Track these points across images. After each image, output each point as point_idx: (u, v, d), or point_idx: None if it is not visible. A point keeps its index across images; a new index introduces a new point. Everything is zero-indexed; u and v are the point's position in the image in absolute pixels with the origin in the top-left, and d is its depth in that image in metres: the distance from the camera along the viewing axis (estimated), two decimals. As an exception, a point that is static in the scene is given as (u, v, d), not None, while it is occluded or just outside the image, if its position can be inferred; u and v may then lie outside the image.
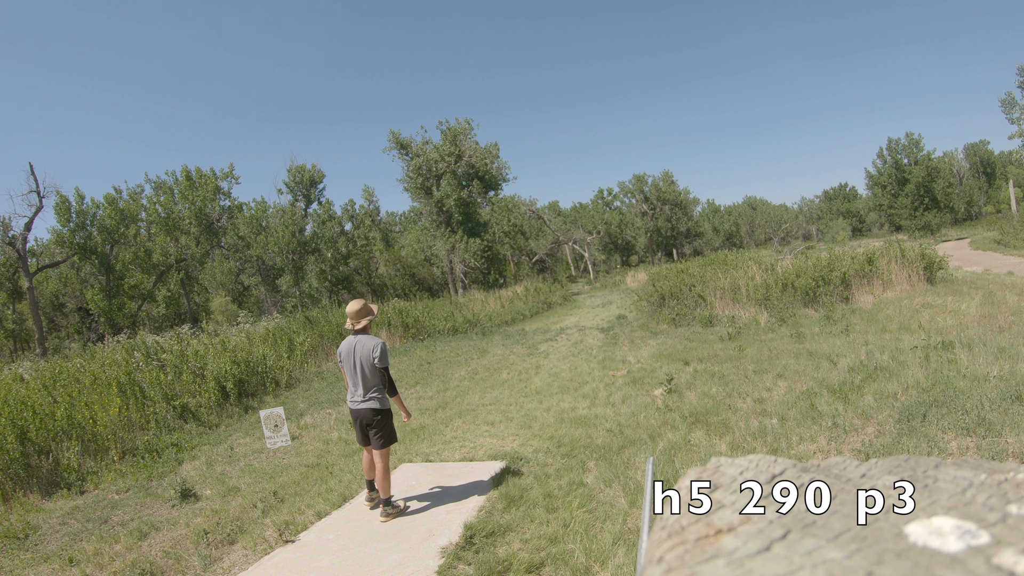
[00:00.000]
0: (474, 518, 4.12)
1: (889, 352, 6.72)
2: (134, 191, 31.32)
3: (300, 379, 10.66)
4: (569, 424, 6.10)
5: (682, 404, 6.14)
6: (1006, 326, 7.44)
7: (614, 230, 53.19)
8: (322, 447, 6.60)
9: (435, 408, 7.66)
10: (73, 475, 6.48)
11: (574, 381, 8.15)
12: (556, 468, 4.87)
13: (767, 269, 13.41)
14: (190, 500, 5.41)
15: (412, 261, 35.57)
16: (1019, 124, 36.27)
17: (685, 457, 4.66)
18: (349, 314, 4.49)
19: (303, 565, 3.76)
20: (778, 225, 64.89)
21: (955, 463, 0.47)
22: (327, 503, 4.81)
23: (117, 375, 8.95)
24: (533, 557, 3.46)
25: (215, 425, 8.26)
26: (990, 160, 68.88)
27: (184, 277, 31.38)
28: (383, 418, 4.40)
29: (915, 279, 11.80)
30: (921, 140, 48.68)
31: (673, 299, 13.87)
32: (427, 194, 31.30)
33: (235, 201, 34.19)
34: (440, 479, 5.02)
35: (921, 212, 46.28)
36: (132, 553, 4.42)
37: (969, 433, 4.20)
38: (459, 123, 31.06)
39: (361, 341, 4.39)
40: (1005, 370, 5.30)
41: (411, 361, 11.59)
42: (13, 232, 25.87)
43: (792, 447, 4.58)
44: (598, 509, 4.00)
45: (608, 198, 59.29)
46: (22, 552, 4.76)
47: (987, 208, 65.39)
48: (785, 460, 0.53)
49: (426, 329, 15.51)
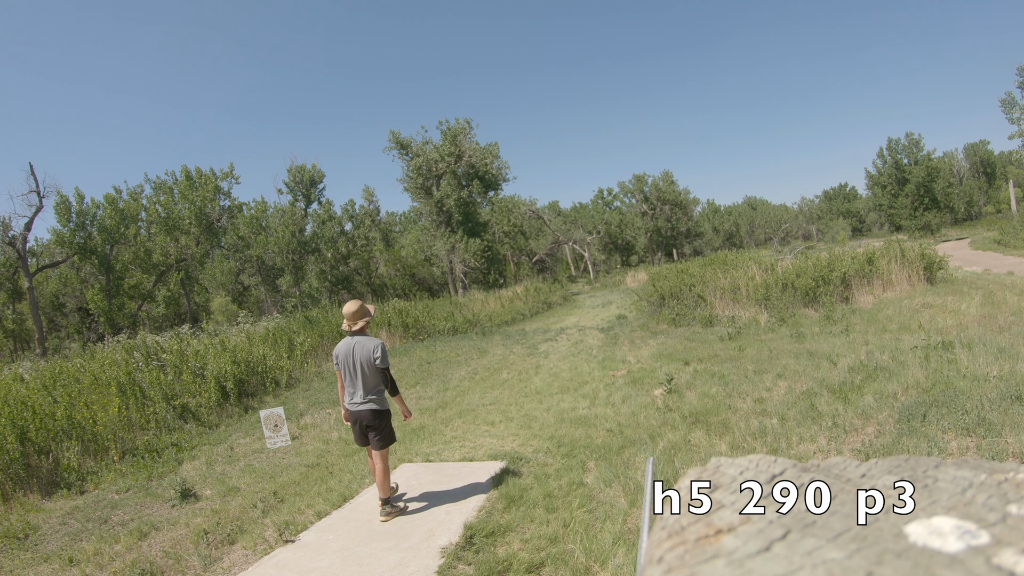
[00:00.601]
0: (474, 518, 4.12)
1: (889, 352, 6.72)
2: (134, 191, 31.32)
3: (300, 379, 10.66)
4: (569, 424, 6.10)
5: (682, 404, 6.14)
6: (1006, 326, 7.44)
7: (614, 230, 53.19)
8: (322, 447, 6.60)
9: (435, 408, 7.66)
10: (73, 475, 6.48)
11: (574, 381, 8.15)
12: (556, 468, 4.87)
13: (767, 269, 13.41)
14: (190, 500, 5.41)
15: (412, 261, 35.57)
16: (1019, 124, 36.28)
17: (685, 457, 4.66)
18: (346, 315, 4.44)
19: (303, 565, 3.76)
20: (778, 225, 64.90)
21: (955, 463, 0.47)
22: (327, 503, 4.81)
23: (117, 375, 8.95)
24: (533, 557, 3.46)
25: (215, 425, 8.26)
26: (990, 160, 68.86)
27: (184, 277, 31.38)
28: (383, 419, 4.38)
29: (915, 279, 11.80)
30: (921, 140, 48.67)
31: (673, 299, 13.87)
32: (427, 194, 31.31)
33: (235, 201, 34.20)
34: (440, 479, 5.02)
35: (921, 212, 46.28)
36: (132, 553, 4.42)
37: (969, 433, 4.20)
38: (459, 123, 31.07)
39: (360, 342, 4.35)
40: (1005, 370, 5.30)
41: (411, 361, 11.59)
42: (13, 232, 25.87)
43: (792, 447, 4.58)
44: (598, 509, 4.00)
45: (608, 198, 59.29)
46: (22, 552, 4.76)
47: (987, 208, 65.39)
48: (785, 460, 0.53)
49: (426, 329, 15.51)
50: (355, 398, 4.37)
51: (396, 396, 4.50)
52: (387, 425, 4.42)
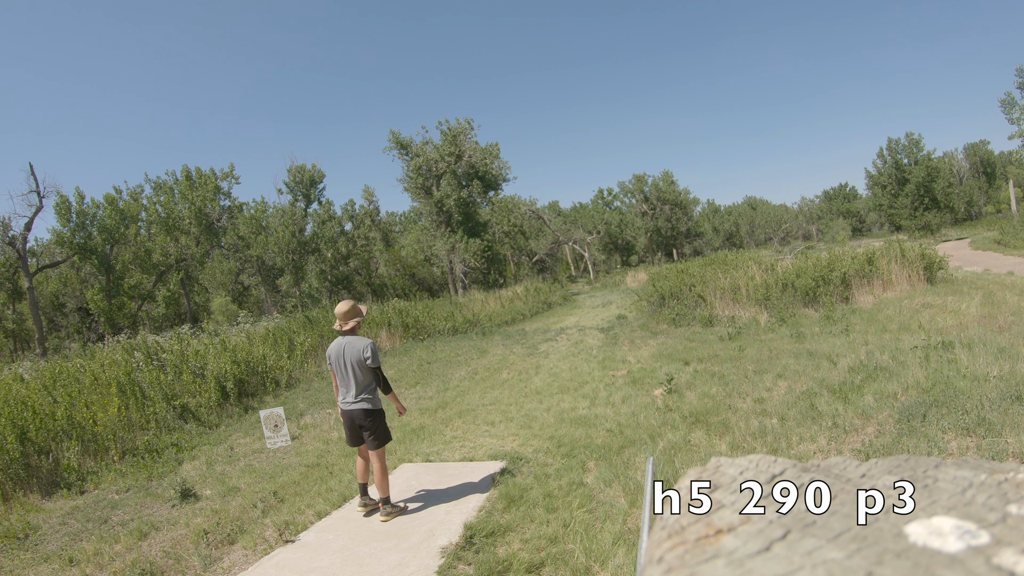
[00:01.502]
0: (474, 518, 4.12)
1: (889, 352, 6.72)
2: (134, 191, 31.33)
3: (300, 379, 10.66)
4: (569, 424, 6.10)
5: (682, 404, 6.14)
6: (1006, 326, 7.44)
7: (614, 230, 53.21)
8: (322, 447, 6.60)
9: (435, 408, 7.66)
10: (73, 475, 6.49)
11: (574, 381, 8.15)
12: (556, 468, 4.87)
13: (767, 269, 13.41)
14: (190, 500, 5.41)
15: (412, 261, 35.56)
16: (1019, 124, 36.27)
17: (685, 457, 4.66)
18: (338, 315, 4.50)
19: (303, 565, 3.76)
20: (778, 225, 64.89)
21: (955, 463, 0.47)
22: (327, 503, 4.81)
23: (117, 375, 8.95)
24: (533, 557, 3.46)
25: (215, 425, 8.26)
26: (990, 160, 68.88)
27: (184, 277, 31.39)
28: (375, 418, 4.41)
29: (915, 279, 11.80)
30: (921, 140, 48.69)
31: (673, 299, 13.87)
32: (427, 194, 31.31)
33: (235, 201, 34.22)
34: (440, 479, 5.02)
35: (921, 212, 46.28)
36: (132, 553, 4.42)
37: (969, 433, 4.20)
38: (459, 123, 31.07)
39: (350, 342, 4.40)
40: (1005, 370, 5.30)
41: (411, 361, 11.59)
42: (13, 232, 25.88)
43: (792, 447, 4.58)
44: (598, 509, 4.00)
45: (608, 198, 59.31)
46: (22, 552, 4.76)
47: (987, 208, 65.39)
48: (785, 460, 0.53)
49: (426, 329, 15.51)
50: (347, 397, 4.43)
51: (389, 393, 4.52)
52: (380, 424, 4.43)
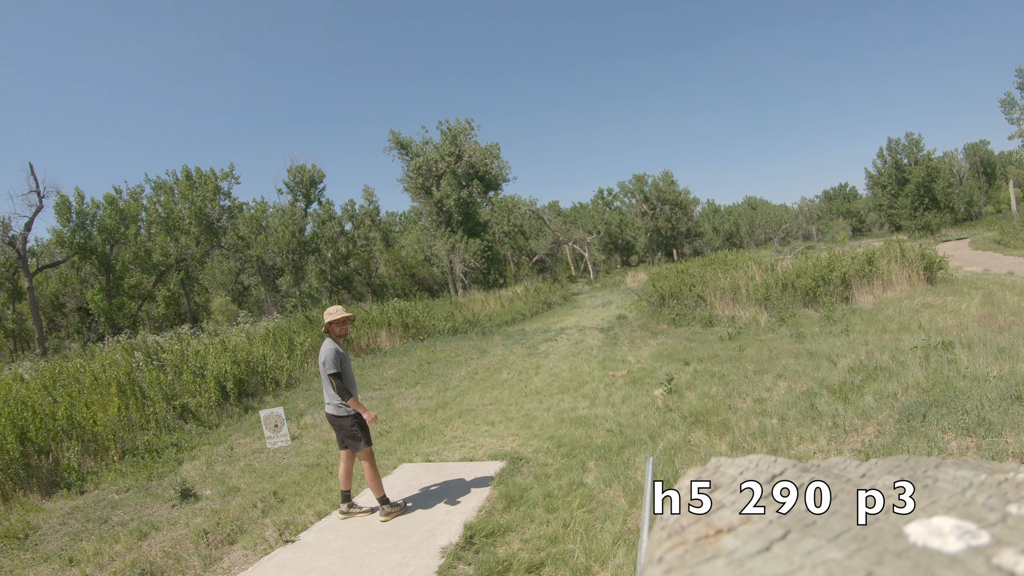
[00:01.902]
0: (474, 518, 4.12)
1: (889, 352, 6.72)
2: (134, 191, 31.34)
3: (300, 379, 10.66)
4: (569, 424, 6.10)
5: (682, 404, 6.14)
6: (1006, 326, 7.44)
7: (614, 230, 53.20)
8: (322, 447, 6.60)
9: (435, 408, 7.66)
10: (73, 475, 6.48)
11: (574, 381, 8.15)
12: (556, 468, 4.87)
13: (767, 269, 13.40)
14: (190, 500, 5.41)
15: (412, 261, 35.57)
16: (1019, 124, 36.27)
17: (685, 457, 4.66)
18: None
19: (303, 565, 3.76)
20: (778, 225, 64.88)
21: (955, 463, 0.47)
22: (327, 503, 4.81)
23: (117, 375, 8.95)
24: (533, 557, 3.46)
25: (215, 425, 8.26)
26: (990, 160, 68.88)
27: (184, 277, 31.38)
28: (342, 423, 4.43)
29: (915, 279, 11.80)
30: (921, 140, 48.66)
31: (673, 299, 13.87)
32: (427, 194, 31.31)
33: (235, 201, 34.21)
34: (440, 479, 5.03)
35: (921, 212, 46.27)
36: (132, 553, 4.42)
37: (969, 433, 4.20)
38: (459, 123, 31.07)
39: (322, 346, 4.49)
40: (1005, 370, 5.30)
41: (411, 361, 11.59)
42: (13, 232, 25.87)
43: (792, 447, 4.58)
44: (598, 509, 3.99)
45: (608, 198, 59.27)
46: (22, 552, 4.76)
47: (987, 208, 65.38)
48: (785, 460, 0.53)
49: (426, 329, 15.51)
50: (325, 399, 4.52)
51: (350, 399, 4.36)
52: (350, 428, 4.39)
